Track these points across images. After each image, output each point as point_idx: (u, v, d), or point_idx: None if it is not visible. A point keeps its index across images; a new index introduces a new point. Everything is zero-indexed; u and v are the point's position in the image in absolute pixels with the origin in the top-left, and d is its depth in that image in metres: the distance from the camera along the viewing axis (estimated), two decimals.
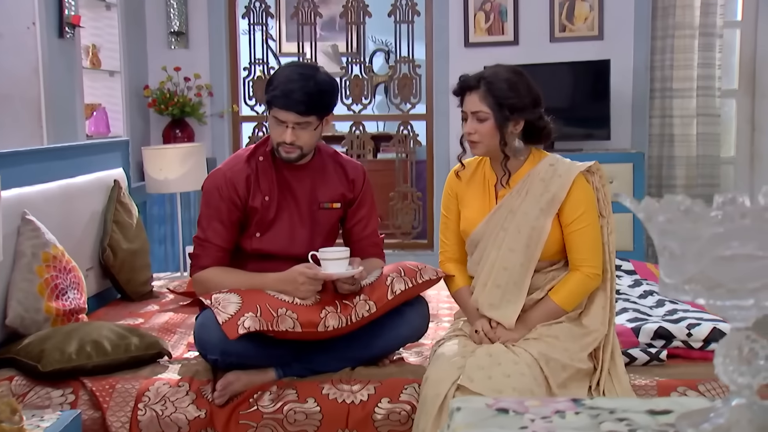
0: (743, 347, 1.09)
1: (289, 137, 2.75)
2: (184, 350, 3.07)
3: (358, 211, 3.01)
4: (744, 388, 1.10)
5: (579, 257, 2.59)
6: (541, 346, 2.52)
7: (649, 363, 2.74)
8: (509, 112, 2.57)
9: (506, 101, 2.57)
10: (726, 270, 1.03)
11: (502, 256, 2.61)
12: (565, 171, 2.60)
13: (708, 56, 5.73)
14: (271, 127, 2.79)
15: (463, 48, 5.96)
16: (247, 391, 2.71)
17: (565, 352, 2.52)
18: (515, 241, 2.59)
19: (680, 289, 1.08)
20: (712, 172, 5.82)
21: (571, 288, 2.60)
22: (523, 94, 2.57)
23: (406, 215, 6.33)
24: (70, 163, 3.63)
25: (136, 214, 3.94)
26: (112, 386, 2.72)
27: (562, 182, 2.57)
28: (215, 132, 6.14)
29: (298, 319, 2.64)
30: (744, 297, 1.03)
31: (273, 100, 2.73)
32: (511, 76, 2.60)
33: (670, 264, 1.08)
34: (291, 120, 2.73)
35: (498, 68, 2.64)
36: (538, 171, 2.63)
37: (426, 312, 2.92)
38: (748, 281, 1.03)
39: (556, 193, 2.57)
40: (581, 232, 2.57)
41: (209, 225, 2.86)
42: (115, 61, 5.62)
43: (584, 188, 2.59)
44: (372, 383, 2.72)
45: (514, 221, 2.60)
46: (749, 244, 1.02)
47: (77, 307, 3.09)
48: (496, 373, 2.44)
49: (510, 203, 2.63)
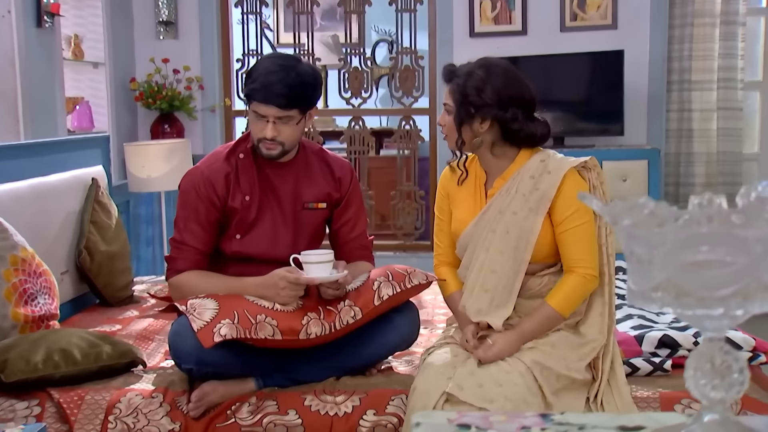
0: (716, 359, 1.08)
1: (270, 132, 2.75)
2: (161, 359, 3.07)
3: (345, 212, 3.00)
4: (717, 403, 1.08)
5: (573, 258, 2.57)
6: (535, 354, 2.50)
7: (653, 373, 2.72)
8: (469, 109, 2.56)
9: (467, 98, 2.56)
10: (694, 277, 1.02)
11: (491, 259, 2.59)
12: (555, 167, 2.57)
13: (730, 46, 5.69)
14: (251, 122, 2.79)
15: (468, 38, 5.94)
16: (225, 403, 2.70)
17: (561, 361, 2.50)
18: (504, 242, 2.58)
19: (647, 297, 1.06)
20: (733, 170, 5.79)
21: (568, 291, 2.57)
22: (488, 93, 2.54)
23: (408, 215, 6.32)
24: (45, 160, 3.63)
25: (116, 214, 3.94)
26: (81, 398, 2.71)
27: (551, 179, 2.55)
28: (206, 127, 6.14)
29: (278, 326, 2.63)
30: (713, 306, 1.02)
31: (252, 94, 2.72)
32: (484, 73, 2.57)
33: (638, 270, 1.07)
34: (272, 114, 2.73)
35: (480, 62, 2.62)
36: (528, 168, 2.61)
37: (416, 318, 2.90)
38: (717, 289, 1.01)
39: (546, 191, 2.55)
40: (574, 231, 2.55)
41: (186, 226, 2.85)
42: (100, 52, 5.62)
43: (577, 185, 2.57)
44: (357, 394, 2.71)
45: (503, 221, 2.58)
46: (718, 250, 1.00)
47: (48, 313, 3.08)
48: (487, 382, 2.42)
49: (499, 203, 2.61)
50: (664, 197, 5.79)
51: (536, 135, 2.63)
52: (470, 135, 2.61)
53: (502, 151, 2.65)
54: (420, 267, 3.01)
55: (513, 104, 2.57)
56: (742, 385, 1.07)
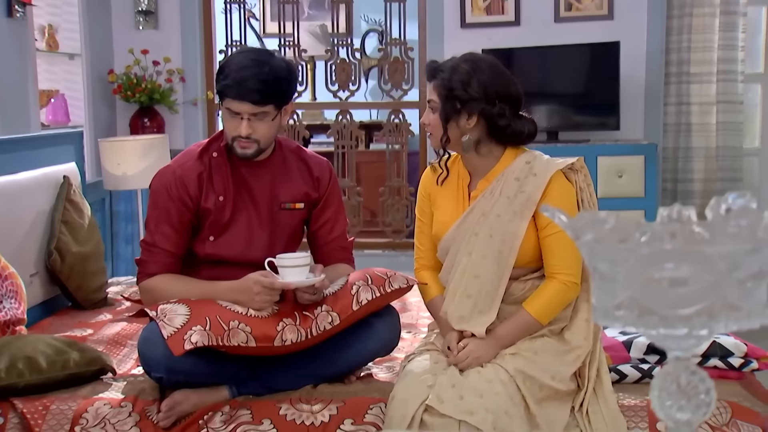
0: (681, 380, 1.06)
1: (244, 130, 2.73)
2: (133, 365, 3.05)
3: (323, 212, 2.99)
4: (683, 426, 1.07)
5: (555, 263, 2.56)
6: (518, 362, 2.49)
7: (641, 380, 2.71)
8: (455, 104, 2.55)
9: (453, 92, 2.55)
10: (657, 295, 1.01)
11: (474, 263, 2.58)
12: (540, 169, 2.56)
13: (730, 37, 5.68)
14: (225, 120, 2.78)
15: (460, 29, 5.93)
16: (197, 412, 2.68)
17: (545, 371, 2.49)
18: (487, 246, 2.56)
19: (611, 315, 1.05)
20: (733, 165, 5.78)
21: (547, 298, 2.56)
22: (474, 87, 2.53)
23: (397, 212, 6.31)
24: (13, 157, 3.60)
25: (89, 213, 3.92)
26: (46, 407, 2.69)
27: (537, 182, 2.54)
28: (188, 121, 6.12)
29: (252, 332, 2.61)
30: (676, 325, 1.00)
31: (225, 90, 2.71)
32: (470, 67, 2.56)
33: (601, 286, 1.06)
34: (246, 111, 2.71)
35: (465, 57, 2.62)
36: (513, 169, 2.60)
37: (397, 324, 2.89)
38: (680, 308, 1.00)
39: (531, 194, 2.54)
40: (558, 236, 2.53)
41: (157, 228, 2.83)
42: (75, 42, 5.60)
43: (563, 188, 2.56)
44: (334, 402, 2.70)
45: (486, 225, 2.57)
46: (682, 267, 0.99)
47: (14, 318, 3.06)
48: (467, 393, 2.41)
49: (483, 205, 2.60)
50: (662, 194, 5.78)
51: (523, 132, 2.61)
52: (457, 132, 2.60)
53: (487, 150, 2.63)
54: (409, 266, 3.01)
55: (500, 99, 2.56)
56: (708, 407, 1.06)
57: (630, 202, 5.45)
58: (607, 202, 5.37)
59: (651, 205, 5.51)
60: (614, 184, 5.46)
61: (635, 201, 5.47)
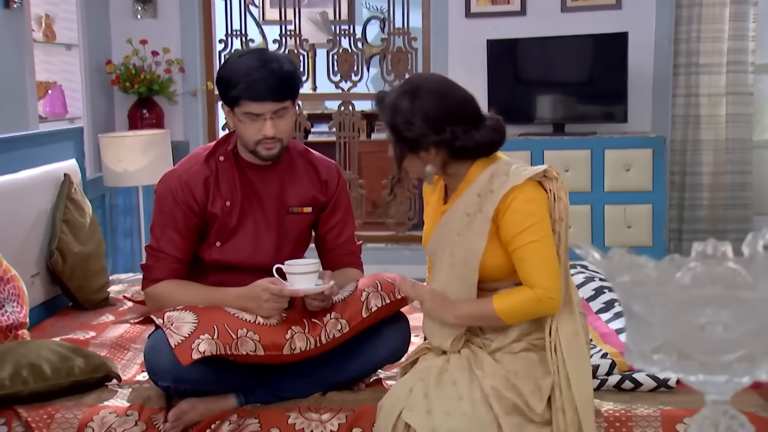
0: (720, 425, 1.06)
1: (271, 130, 2.73)
2: (137, 371, 3.04)
3: (332, 216, 2.98)
4: None
5: (527, 280, 2.45)
6: (496, 380, 2.43)
7: (657, 389, 2.71)
8: (407, 143, 2.49)
9: (400, 134, 2.48)
10: (697, 340, 1.00)
11: (441, 281, 2.55)
12: (498, 185, 2.46)
13: (740, 27, 5.67)
14: (244, 126, 2.73)
15: (464, 19, 5.92)
16: (204, 421, 2.68)
17: (518, 396, 2.42)
18: (451, 265, 2.52)
19: (648, 358, 1.04)
20: (743, 158, 5.78)
21: (517, 301, 2.46)
22: (419, 123, 2.44)
23: (401, 204, 6.30)
24: (13, 155, 3.58)
25: (90, 212, 3.90)
26: (51, 416, 2.68)
27: (493, 198, 2.46)
28: (187, 112, 6.10)
29: (261, 341, 2.61)
30: (717, 372, 0.99)
31: (242, 95, 2.68)
32: (409, 102, 2.45)
33: (637, 329, 1.04)
34: (268, 110, 2.71)
35: (404, 88, 2.51)
36: (476, 184, 2.52)
37: (406, 330, 2.89)
38: (721, 354, 0.99)
39: (487, 213, 2.46)
40: (525, 249, 2.44)
41: (163, 233, 2.82)
42: (73, 32, 5.58)
43: (527, 200, 2.45)
44: (344, 411, 2.69)
45: (450, 243, 2.53)
46: (722, 313, 0.98)
47: (16, 322, 3.05)
48: (435, 408, 2.39)
49: (449, 221, 2.55)
50: (670, 187, 5.77)
51: (483, 145, 2.53)
52: (419, 164, 2.54)
53: (454, 170, 2.57)
54: (413, 259, 3.01)
55: (448, 123, 2.45)
56: None
57: (638, 195, 5.45)
58: (614, 196, 5.38)
59: (659, 199, 5.51)
60: (622, 177, 5.46)
61: (643, 195, 5.47)
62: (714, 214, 5.81)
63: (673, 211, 5.86)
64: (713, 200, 5.81)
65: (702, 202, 5.81)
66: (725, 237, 5.81)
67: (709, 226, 5.82)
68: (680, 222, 5.88)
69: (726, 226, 5.81)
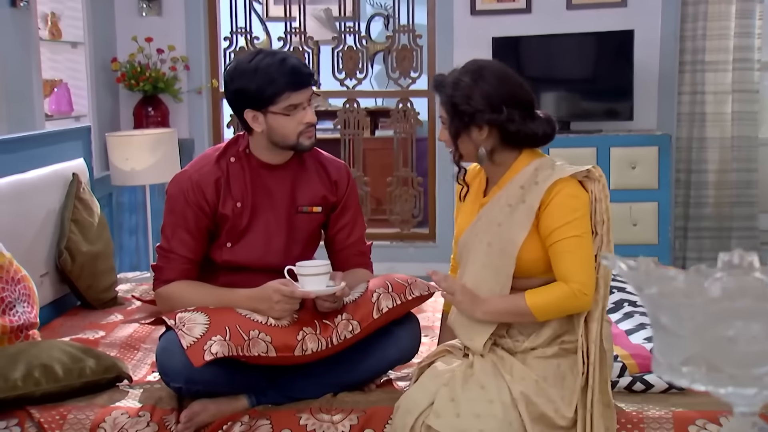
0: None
1: (312, 115, 2.81)
2: (148, 371, 3.05)
3: (341, 217, 2.98)
4: None
5: (563, 273, 2.47)
6: (526, 386, 2.44)
7: (668, 391, 2.71)
8: (462, 119, 2.51)
9: (457, 108, 2.51)
10: (726, 353, 1.00)
11: (476, 273, 2.55)
12: (543, 178, 2.50)
13: (746, 24, 5.68)
14: (285, 121, 2.76)
15: (470, 17, 5.92)
16: (216, 422, 2.68)
17: (548, 402, 2.44)
18: (487, 256, 2.53)
19: (676, 370, 1.04)
20: (748, 155, 5.78)
21: (551, 296, 2.47)
22: (477, 98, 2.47)
23: (405, 202, 6.30)
24: (22, 155, 3.58)
25: (98, 211, 3.91)
26: (63, 417, 2.69)
27: (537, 191, 2.48)
28: (192, 110, 6.10)
29: (273, 342, 2.61)
30: (746, 384, 1.00)
31: (287, 87, 2.73)
32: (471, 79, 2.50)
33: (665, 341, 1.05)
34: (306, 97, 2.79)
35: (467, 68, 2.55)
36: (521, 176, 2.55)
37: (417, 331, 2.89)
38: (751, 367, 0.99)
39: (532, 204, 2.48)
40: (564, 243, 2.46)
41: (174, 234, 2.83)
42: (78, 30, 5.58)
43: (570, 196, 2.47)
44: (355, 412, 2.70)
45: (489, 233, 2.55)
46: (753, 325, 0.98)
47: (27, 322, 3.06)
48: (465, 411, 2.39)
49: (488, 213, 2.57)
50: (675, 184, 5.78)
51: (537, 134, 2.56)
52: (471, 145, 2.56)
53: (502, 158, 2.59)
54: (417, 257, 3.02)
55: (507, 105, 2.49)
56: None
57: (643, 194, 5.45)
58: (620, 194, 5.37)
59: (665, 197, 5.51)
60: (627, 175, 5.46)
61: (649, 193, 5.47)
62: (719, 211, 5.81)
63: (679, 208, 5.87)
64: (719, 198, 5.81)
65: (707, 200, 5.81)
66: (730, 235, 5.82)
67: (715, 224, 5.83)
68: (685, 220, 5.88)
69: (731, 224, 5.81)
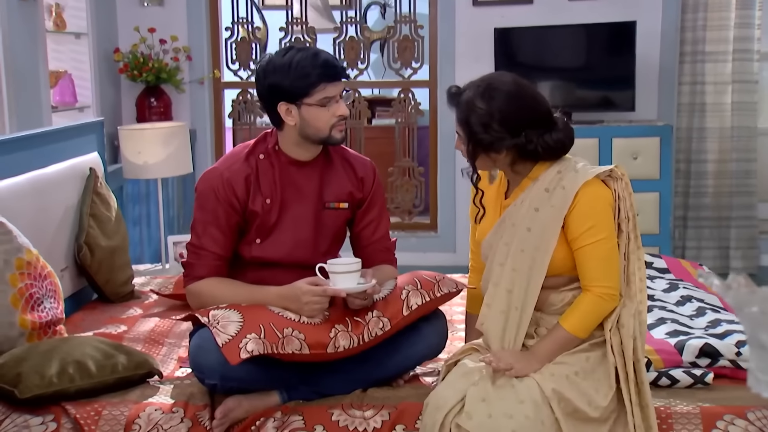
0: None
1: (345, 108, 2.85)
2: (175, 367, 3.07)
3: (367, 213, 3.01)
4: None
5: (588, 276, 2.52)
6: (558, 383, 2.47)
7: (693, 386, 2.75)
8: (481, 144, 2.53)
9: (475, 137, 2.52)
10: None
11: (506, 276, 2.58)
12: (569, 182, 2.52)
13: (746, 15, 5.73)
14: (319, 113, 2.79)
15: (472, 7, 5.94)
16: (249, 418, 2.71)
17: (581, 396, 2.47)
18: (518, 260, 2.56)
19: None
20: (748, 145, 5.85)
21: (582, 312, 2.53)
22: (495, 127, 2.49)
23: (406, 192, 6.34)
24: (39, 152, 3.57)
25: (115, 205, 3.92)
26: (98, 412, 2.71)
27: (565, 196, 2.51)
28: (195, 100, 6.11)
29: (306, 340, 2.64)
30: None
31: (322, 79, 2.76)
32: (486, 106, 2.50)
33: (763, 358, 1.08)
34: (340, 90, 2.83)
35: (480, 89, 2.54)
36: (544, 179, 2.57)
37: (444, 328, 2.93)
38: None
39: (559, 209, 2.51)
40: (590, 248, 2.50)
41: (205, 231, 2.85)
42: (82, 21, 5.58)
43: (593, 197, 2.51)
44: (386, 408, 2.73)
45: (517, 237, 2.56)
46: None
47: (54, 318, 3.07)
48: (496, 411, 2.41)
49: (512, 215, 2.59)
50: (675, 174, 5.83)
51: (556, 148, 2.57)
52: (489, 163, 2.59)
53: (521, 167, 2.61)
54: (419, 247, 3.08)
55: (524, 127, 2.51)
56: None
57: (645, 184, 5.50)
58: None
59: (666, 187, 5.57)
60: (629, 166, 5.50)
61: (650, 183, 5.53)
62: (719, 201, 5.88)
63: (678, 198, 5.93)
64: (718, 188, 5.88)
65: (707, 190, 5.88)
66: (729, 224, 5.89)
67: (714, 214, 5.89)
68: (685, 209, 5.94)
69: (731, 213, 5.88)
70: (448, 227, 6.16)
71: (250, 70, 6.23)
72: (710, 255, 5.92)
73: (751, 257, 5.94)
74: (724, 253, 5.95)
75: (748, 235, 5.91)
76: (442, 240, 6.13)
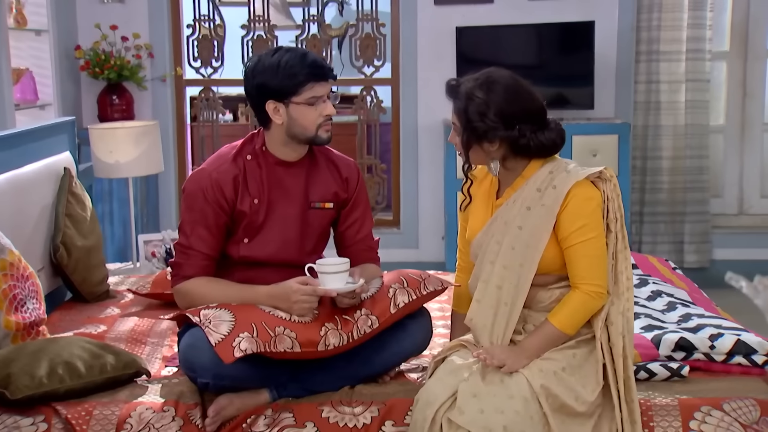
0: None
1: (332, 108, 2.90)
2: (161, 366, 3.09)
3: (351, 213, 3.06)
4: None
5: (577, 274, 2.60)
6: (547, 378, 2.54)
7: (670, 379, 2.84)
8: (475, 135, 2.62)
9: (471, 124, 2.61)
10: None
11: (496, 273, 2.65)
12: (561, 182, 2.60)
13: (698, 15, 5.87)
14: (306, 112, 2.84)
15: (433, 6, 5.99)
16: (240, 416, 2.74)
17: (569, 391, 2.54)
18: (509, 258, 2.63)
19: None
20: (700, 143, 5.99)
21: (571, 309, 2.60)
22: (491, 116, 2.58)
23: (369, 189, 6.37)
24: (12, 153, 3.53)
25: (90, 205, 3.91)
26: (89, 412, 2.72)
27: (556, 195, 2.59)
28: (156, 98, 6.09)
29: (297, 338, 2.68)
30: None
31: (310, 78, 2.81)
32: (485, 95, 2.60)
33: None
34: (327, 90, 2.88)
35: (480, 81, 2.64)
36: (536, 179, 2.65)
37: (429, 324, 2.98)
38: None
39: (550, 208, 2.59)
40: (580, 246, 2.58)
41: (193, 231, 2.87)
42: (42, 18, 5.52)
43: (585, 198, 2.59)
44: (375, 404, 2.77)
45: (509, 235, 2.64)
46: None
47: (37, 318, 3.07)
48: (488, 407, 2.48)
49: (504, 215, 2.67)
50: (631, 171, 5.95)
51: (547, 146, 2.66)
52: (482, 155, 2.67)
53: (513, 165, 2.69)
54: (383, 243, 3.15)
55: (518, 121, 2.59)
56: None
57: None
58: None
59: (624, 184, 5.69)
60: (589, 163, 5.50)
61: None
62: (673, 197, 6.02)
63: (635, 194, 6.06)
64: (672, 184, 6.02)
65: (662, 186, 6.02)
66: (684, 219, 6.03)
67: (669, 209, 6.03)
68: (641, 205, 6.08)
69: (685, 208, 6.02)
70: (411, 224, 6.22)
71: (212, 68, 6.23)
72: (665, 249, 6.06)
73: (704, 251, 6.10)
74: (679, 247, 6.09)
75: (701, 230, 6.06)
76: (404, 236, 6.19)
